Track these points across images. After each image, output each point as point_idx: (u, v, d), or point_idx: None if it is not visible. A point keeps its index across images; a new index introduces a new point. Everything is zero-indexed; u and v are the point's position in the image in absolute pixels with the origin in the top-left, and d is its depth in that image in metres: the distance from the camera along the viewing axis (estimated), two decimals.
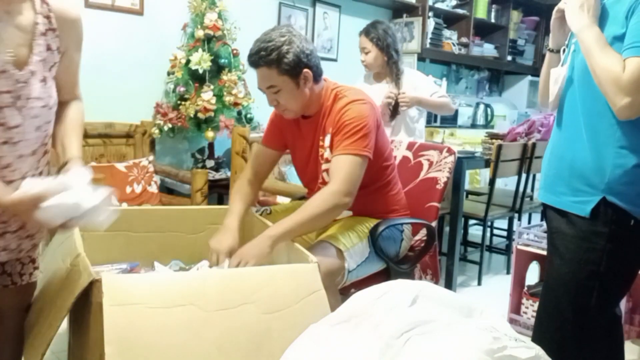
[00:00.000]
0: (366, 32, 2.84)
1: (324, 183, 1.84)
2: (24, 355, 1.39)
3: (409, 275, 1.96)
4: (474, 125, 5.35)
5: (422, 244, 2.04)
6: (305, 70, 1.71)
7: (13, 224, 1.31)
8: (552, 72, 1.52)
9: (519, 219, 3.56)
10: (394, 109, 2.79)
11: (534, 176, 3.82)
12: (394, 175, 1.93)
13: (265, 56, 1.66)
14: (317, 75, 1.76)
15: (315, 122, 1.81)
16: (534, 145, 3.44)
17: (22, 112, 1.23)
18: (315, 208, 1.65)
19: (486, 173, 4.21)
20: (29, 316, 1.46)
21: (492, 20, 5.32)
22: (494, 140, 3.32)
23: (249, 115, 3.29)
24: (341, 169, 1.68)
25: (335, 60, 4.30)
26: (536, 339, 1.52)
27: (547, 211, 1.57)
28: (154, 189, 2.98)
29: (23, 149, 1.25)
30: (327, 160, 1.79)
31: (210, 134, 3.10)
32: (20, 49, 1.22)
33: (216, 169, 3.27)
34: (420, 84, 2.93)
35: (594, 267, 1.41)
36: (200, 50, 3.07)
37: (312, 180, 1.90)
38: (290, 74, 1.69)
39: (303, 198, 2.06)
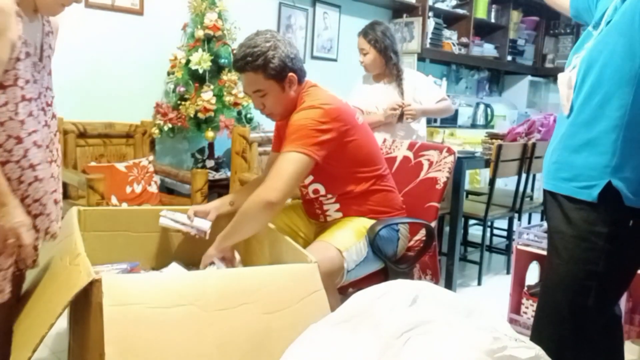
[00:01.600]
0: (364, 33, 2.81)
1: (305, 186, 1.89)
2: (12, 348, 1.36)
3: (408, 275, 1.96)
4: (474, 125, 5.34)
5: (422, 244, 2.04)
6: (291, 74, 1.74)
7: None
8: (560, 76, 1.51)
9: (519, 219, 3.56)
10: (399, 118, 2.79)
11: (534, 176, 3.82)
12: (381, 179, 1.89)
13: (252, 62, 1.69)
14: (301, 78, 1.80)
15: None
16: (534, 145, 3.44)
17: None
18: (245, 206, 1.66)
19: (486, 173, 4.20)
20: (22, 312, 1.44)
21: (492, 20, 5.31)
22: (494, 140, 3.32)
23: (249, 115, 3.29)
24: (274, 168, 1.68)
25: (335, 60, 4.30)
26: (535, 339, 1.52)
27: (547, 208, 1.56)
28: (154, 189, 2.98)
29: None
30: None
31: (210, 134, 3.10)
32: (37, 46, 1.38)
33: (216, 169, 3.28)
34: (420, 85, 2.91)
35: (592, 267, 1.41)
36: (200, 50, 3.07)
37: None
38: (276, 78, 1.73)
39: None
